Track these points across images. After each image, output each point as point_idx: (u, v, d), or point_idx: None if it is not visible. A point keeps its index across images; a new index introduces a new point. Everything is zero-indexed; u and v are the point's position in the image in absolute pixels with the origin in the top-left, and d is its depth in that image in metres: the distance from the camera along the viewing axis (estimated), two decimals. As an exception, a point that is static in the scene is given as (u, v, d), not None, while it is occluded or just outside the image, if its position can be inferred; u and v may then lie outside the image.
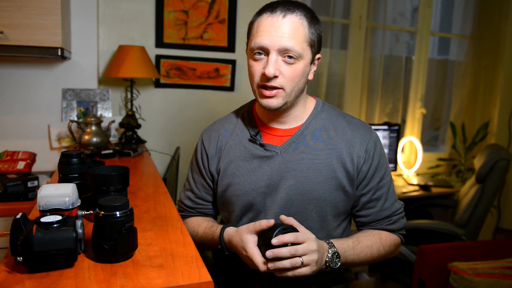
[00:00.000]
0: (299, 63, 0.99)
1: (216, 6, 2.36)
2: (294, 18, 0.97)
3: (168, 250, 0.87)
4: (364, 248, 1.05)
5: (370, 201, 1.10)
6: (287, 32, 0.96)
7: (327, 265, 0.97)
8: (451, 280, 1.89)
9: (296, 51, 0.97)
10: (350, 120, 1.12)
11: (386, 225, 1.11)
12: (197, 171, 1.21)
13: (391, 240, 1.12)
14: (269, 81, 0.99)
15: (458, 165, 3.26)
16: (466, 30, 3.25)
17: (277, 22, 0.97)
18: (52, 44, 1.67)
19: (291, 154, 1.07)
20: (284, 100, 1.02)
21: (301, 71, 1.00)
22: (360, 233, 1.11)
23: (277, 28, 0.96)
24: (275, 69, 0.97)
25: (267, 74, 0.97)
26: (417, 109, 3.19)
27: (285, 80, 0.99)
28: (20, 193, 1.68)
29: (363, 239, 1.07)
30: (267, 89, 1.00)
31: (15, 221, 0.77)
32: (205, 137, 1.20)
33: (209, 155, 1.16)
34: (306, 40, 0.99)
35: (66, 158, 1.07)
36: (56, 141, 2.05)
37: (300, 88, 1.03)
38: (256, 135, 1.10)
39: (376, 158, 1.08)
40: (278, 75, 0.98)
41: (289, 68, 0.99)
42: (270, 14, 0.98)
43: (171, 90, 2.37)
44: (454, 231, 2.36)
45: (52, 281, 0.73)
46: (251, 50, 1.02)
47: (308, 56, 1.01)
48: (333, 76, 2.90)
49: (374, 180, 1.08)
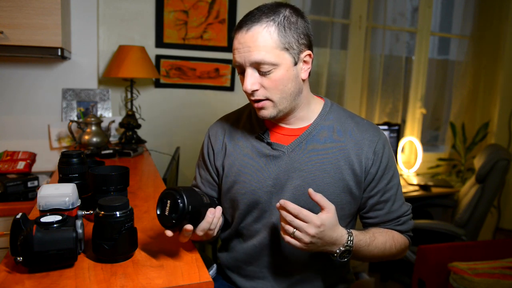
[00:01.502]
0: (277, 71, 0.97)
1: (216, 6, 2.36)
2: (258, 29, 0.95)
3: (168, 250, 0.87)
4: (378, 245, 1.04)
5: (378, 203, 1.09)
6: (253, 46, 0.95)
7: (334, 255, 0.97)
8: (451, 280, 1.89)
9: (267, 61, 0.95)
10: (358, 121, 1.12)
11: (394, 225, 1.11)
12: (203, 166, 1.21)
13: (402, 240, 1.11)
14: (252, 96, 1.00)
15: (458, 165, 3.26)
16: (466, 30, 3.25)
17: (243, 38, 0.96)
18: (52, 44, 1.67)
19: (298, 154, 1.06)
20: (276, 109, 1.01)
21: (282, 78, 0.98)
22: (375, 228, 1.10)
23: (243, 44, 0.96)
24: (251, 83, 0.97)
25: (245, 90, 0.98)
26: (417, 109, 3.19)
27: (267, 91, 0.98)
28: (20, 193, 1.68)
29: (378, 235, 1.06)
30: (255, 102, 1.01)
31: (15, 221, 0.77)
32: (212, 132, 1.19)
33: (215, 150, 1.16)
34: (278, 46, 0.95)
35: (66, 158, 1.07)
36: (56, 141, 2.05)
37: (290, 93, 1.01)
38: (264, 133, 1.10)
39: (384, 160, 1.07)
40: (258, 89, 0.98)
41: (268, 78, 0.97)
42: (238, 31, 0.98)
43: (171, 90, 2.37)
44: (454, 231, 2.36)
45: (52, 281, 0.73)
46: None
47: (287, 60, 0.98)
48: (333, 76, 2.90)
49: (382, 182, 1.08)
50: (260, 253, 1.10)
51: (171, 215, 0.84)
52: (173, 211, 0.84)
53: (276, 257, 1.10)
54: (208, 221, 0.90)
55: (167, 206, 0.85)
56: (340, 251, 0.96)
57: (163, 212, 0.86)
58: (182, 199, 0.84)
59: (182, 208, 0.83)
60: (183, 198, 0.84)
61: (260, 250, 1.10)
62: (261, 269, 1.12)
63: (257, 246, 1.10)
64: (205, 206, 0.91)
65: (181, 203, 0.83)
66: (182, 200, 0.83)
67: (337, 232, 0.95)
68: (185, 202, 0.83)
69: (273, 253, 1.09)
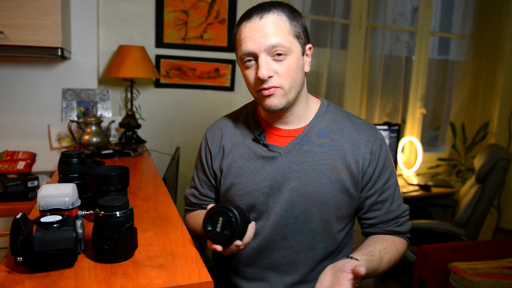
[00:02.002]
0: (290, 58, 0.99)
1: (216, 6, 2.36)
2: (271, 16, 0.98)
3: (168, 250, 0.87)
4: (385, 265, 1.01)
5: (376, 203, 1.08)
6: (269, 31, 0.97)
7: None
8: (451, 280, 1.89)
9: (284, 46, 0.97)
10: (355, 121, 1.11)
11: (393, 226, 1.09)
12: (201, 169, 1.21)
13: (403, 246, 1.10)
14: (265, 83, 0.98)
15: (458, 165, 3.26)
16: (466, 30, 3.25)
17: (256, 25, 0.97)
18: (52, 44, 1.66)
19: (295, 155, 1.06)
20: (285, 98, 1.01)
21: (295, 65, 1.00)
22: (378, 244, 1.04)
23: (258, 30, 0.97)
24: (267, 70, 0.97)
25: (261, 77, 0.96)
26: (417, 109, 3.19)
27: (281, 78, 0.99)
28: (20, 193, 1.68)
29: (384, 254, 1.02)
30: (265, 90, 1.00)
31: (15, 221, 0.77)
32: (209, 135, 1.19)
33: (212, 153, 1.16)
34: (290, 33, 0.99)
35: (66, 158, 1.07)
36: (56, 141, 2.05)
37: (298, 83, 1.02)
38: (260, 135, 1.10)
39: (381, 160, 1.07)
40: (272, 75, 0.98)
41: (282, 65, 0.98)
42: (248, 21, 0.99)
43: (171, 90, 2.37)
44: (454, 231, 2.36)
45: (52, 281, 0.73)
46: (241, 60, 1.02)
47: (297, 48, 1.01)
48: (333, 76, 2.90)
49: (379, 182, 1.07)
50: (259, 255, 1.10)
51: (224, 232, 0.91)
52: (226, 228, 0.90)
53: (274, 258, 1.10)
54: (250, 236, 0.94)
55: (218, 223, 0.92)
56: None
57: (214, 229, 0.92)
58: (236, 217, 0.90)
59: (235, 226, 0.90)
60: (236, 216, 0.90)
61: (258, 251, 1.10)
62: (259, 271, 1.12)
63: (255, 248, 1.10)
64: (249, 221, 0.96)
65: (235, 221, 0.90)
66: (235, 218, 0.90)
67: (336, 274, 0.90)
68: (238, 220, 0.90)
69: (271, 254, 1.09)
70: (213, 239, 0.93)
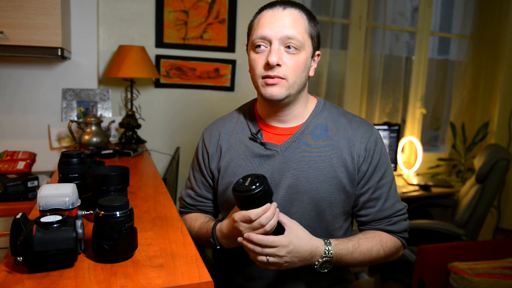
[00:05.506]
0: (301, 54, 1.01)
1: (216, 6, 2.36)
2: (294, 11, 1.02)
3: (168, 250, 0.87)
4: (363, 251, 1.03)
5: (370, 200, 1.09)
6: (288, 23, 1.00)
7: (314, 267, 0.98)
8: (451, 280, 1.90)
9: (298, 40, 1.00)
10: (351, 118, 1.12)
11: (385, 225, 1.10)
12: (197, 169, 1.21)
13: (392, 243, 1.09)
14: (272, 71, 1.00)
15: (458, 165, 3.26)
16: (466, 30, 3.25)
17: (278, 14, 1.01)
18: (52, 44, 1.66)
19: (291, 153, 1.07)
20: (287, 91, 1.02)
21: (303, 63, 1.02)
22: (361, 234, 1.09)
23: (278, 19, 1.00)
24: (278, 57, 0.99)
25: (270, 62, 0.98)
26: (417, 109, 3.19)
27: (288, 70, 1.00)
28: (20, 193, 1.68)
29: (364, 241, 1.05)
30: (269, 78, 1.01)
31: (15, 221, 0.77)
32: (206, 135, 1.20)
33: (209, 153, 1.17)
34: (307, 31, 1.02)
35: (66, 158, 1.07)
36: (56, 141, 2.05)
37: (302, 82, 1.04)
38: (257, 133, 1.10)
39: (376, 157, 1.07)
40: (281, 64, 1.00)
41: (292, 58, 1.00)
42: (270, 9, 1.03)
43: (171, 90, 2.37)
44: (454, 231, 2.36)
45: (52, 281, 0.73)
46: (252, 44, 1.04)
47: (309, 48, 1.04)
48: (333, 76, 2.90)
49: (373, 179, 1.08)
50: None
51: (252, 186, 0.92)
52: (254, 184, 0.92)
53: None
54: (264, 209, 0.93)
55: (247, 182, 0.94)
56: (320, 262, 0.97)
57: (243, 184, 0.94)
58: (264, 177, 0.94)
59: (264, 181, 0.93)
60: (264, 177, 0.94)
61: None
62: (259, 270, 1.12)
63: None
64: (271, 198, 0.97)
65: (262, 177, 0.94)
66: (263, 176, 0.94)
67: (311, 245, 0.96)
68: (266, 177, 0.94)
69: None
70: (238, 190, 0.93)
